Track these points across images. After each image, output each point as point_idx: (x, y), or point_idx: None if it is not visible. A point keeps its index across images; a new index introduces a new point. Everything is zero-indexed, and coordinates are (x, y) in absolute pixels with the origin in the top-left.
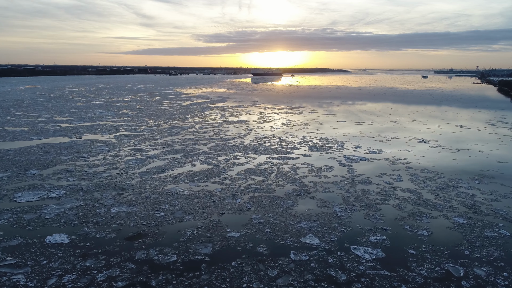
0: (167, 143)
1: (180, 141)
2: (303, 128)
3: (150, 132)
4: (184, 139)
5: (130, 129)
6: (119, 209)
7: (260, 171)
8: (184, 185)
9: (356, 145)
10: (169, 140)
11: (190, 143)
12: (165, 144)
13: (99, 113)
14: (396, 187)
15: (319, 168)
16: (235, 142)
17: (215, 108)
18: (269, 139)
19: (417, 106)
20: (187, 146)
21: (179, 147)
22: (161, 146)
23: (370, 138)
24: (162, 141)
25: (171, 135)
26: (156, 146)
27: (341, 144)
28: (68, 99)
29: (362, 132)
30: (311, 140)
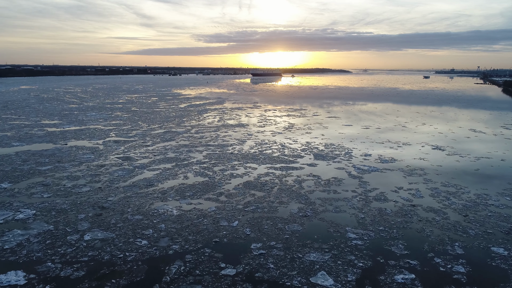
0: (159, 150)
1: (174, 148)
2: (306, 133)
3: (142, 138)
4: (178, 146)
5: (121, 134)
6: (94, 235)
7: (261, 184)
8: (173, 203)
9: (365, 152)
10: (161, 147)
11: (184, 150)
12: (157, 152)
13: (91, 116)
14: (416, 205)
15: (327, 181)
16: (233, 149)
17: (213, 111)
18: (270, 146)
19: (424, 108)
20: (181, 154)
21: (172, 155)
22: (152, 153)
23: (379, 144)
24: (154, 148)
25: (164, 141)
26: (146, 154)
27: (348, 151)
28: (61, 101)
29: (369, 136)
30: (315, 146)
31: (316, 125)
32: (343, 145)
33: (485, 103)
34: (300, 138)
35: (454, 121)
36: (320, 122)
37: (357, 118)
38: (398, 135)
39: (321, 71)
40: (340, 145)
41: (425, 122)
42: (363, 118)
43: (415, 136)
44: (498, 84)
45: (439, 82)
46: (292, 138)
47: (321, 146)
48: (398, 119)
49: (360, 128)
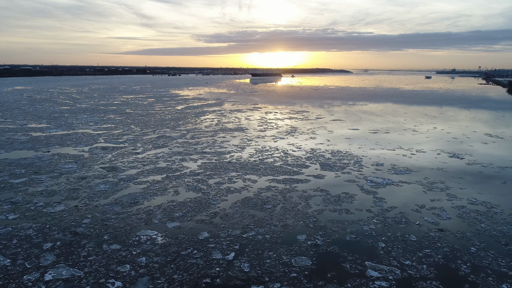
0: (150, 159)
1: (166, 156)
2: (310, 138)
3: (132, 144)
4: (171, 153)
5: (111, 140)
6: (57, 274)
7: (261, 202)
8: (159, 227)
9: (376, 161)
10: (152, 155)
11: (177, 159)
12: (147, 161)
13: (81, 118)
14: (444, 229)
15: (337, 198)
16: (231, 158)
17: (211, 113)
18: (271, 153)
19: (431, 109)
20: (173, 163)
21: (163, 165)
22: (142, 163)
23: (391, 150)
24: (144, 156)
25: (156, 148)
26: (135, 164)
27: (358, 160)
28: (54, 102)
29: (379, 142)
30: (321, 154)
31: (320, 129)
32: (351, 152)
33: (493, 104)
34: (303, 144)
35: (466, 124)
36: (324, 126)
37: (363, 120)
38: (410, 140)
39: (321, 71)
40: (348, 152)
41: (436, 125)
42: (369, 120)
43: (428, 141)
44: (503, 84)
45: (441, 82)
46: (295, 144)
47: (327, 154)
48: (407, 122)
49: (368, 132)
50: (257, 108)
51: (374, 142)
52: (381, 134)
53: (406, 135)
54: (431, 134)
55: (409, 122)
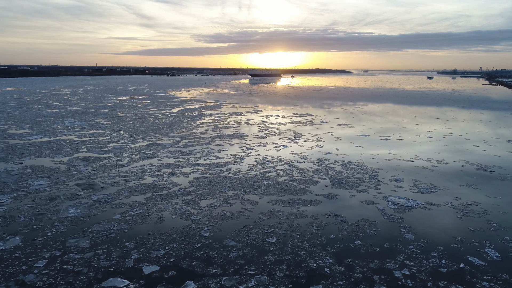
0: (135, 173)
1: (154, 169)
2: (316, 146)
3: (118, 154)
4: (160, 166)
5: (95, 148)
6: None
7: (263, 233)
8: (132, 273)
9: (394, 175)
10: (138, 168)
11: (166, 172)
12: (131, 175)
13: (68, 123)
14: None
15: (356, 227)
16: (228, 171)
17: (208, 116)
18: (274, 165)
19: (441, 112)
20: (161, 178)
21: (149, 181)
22: (125, 178)
23: (409, 162)
24: (129, 170)
25: (144, 158)
26: (116, 179)
27: (374, 175)
28: (43, 104)
29: (393, 151)
30: (331, 166)
31: (327, 135)
32: (364, 164)
33: (506, 106)
34: (309, 153)
35: (485, 129)
36: (330, 131)
37: (371, 125)
38: (428, 149)
39: (322, 71)
40: (360, 163)
41: (451, 130)
42: (378, 124)
43: (448, 150)
44: (508, 85)
45: (444, 83)
46: (301, 154)
47: (337, 165)
48: (419, 127)
49: (379, 138)
50: (257, 110)
51: (388, 150)
52: (394, 141)
53: (422, 142)
54: (449, 141)
55: (422, 127)
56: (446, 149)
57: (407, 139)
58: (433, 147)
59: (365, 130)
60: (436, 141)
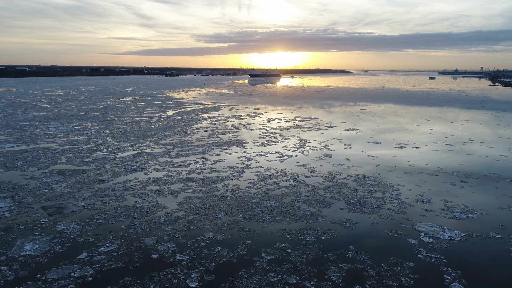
0: (115, 191)
1: (139, 185)
2: (325, 156)
3: (100, 166)
4: (146, 182)
5: (75, 159)
6: None
7: (268, 284)
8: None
9: (420, 195)
10: (120, 185)
11: (152, 191)
12: (111, 194)
13: (53, 128)
14: None
15: (386, 271)
16: (224, 188)
17: (206, 120)
18: (278, 180)
19: (454, 114)
20: (145, 199)
21: (130, 202)
22: (102, 198)
23: (433, 177)
24: (109, 186)
25: (129, 172)
26: (92, 200)
27: (395, 193)
28: (32, 107)
29: (412, 162)
30: (344, 182)
31: (335, 143)
32: (381, 179)
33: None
34: (318, 165)
35: (507, 134)
36: (338, 137)
37: (382, 130)
38: (450, 160)
39: (321, 71)
40: (377, 178)
41: (471, 137)
42: (389, 130)
43: (474, 162)
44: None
45: (447, 83)
46: (308, 166)
47: (351, 181)
48: (434, 132)
49: (393, 146)
50: (258, 113)
51: (406, 162)
52: (410, 148)
53: (442, 151)
54: (471, 149)
55: (437, 131)
56: (471, 160)
57: (424, 147)
58: (455, 156)
59: (376, 136)
60: (457, 149)
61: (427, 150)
